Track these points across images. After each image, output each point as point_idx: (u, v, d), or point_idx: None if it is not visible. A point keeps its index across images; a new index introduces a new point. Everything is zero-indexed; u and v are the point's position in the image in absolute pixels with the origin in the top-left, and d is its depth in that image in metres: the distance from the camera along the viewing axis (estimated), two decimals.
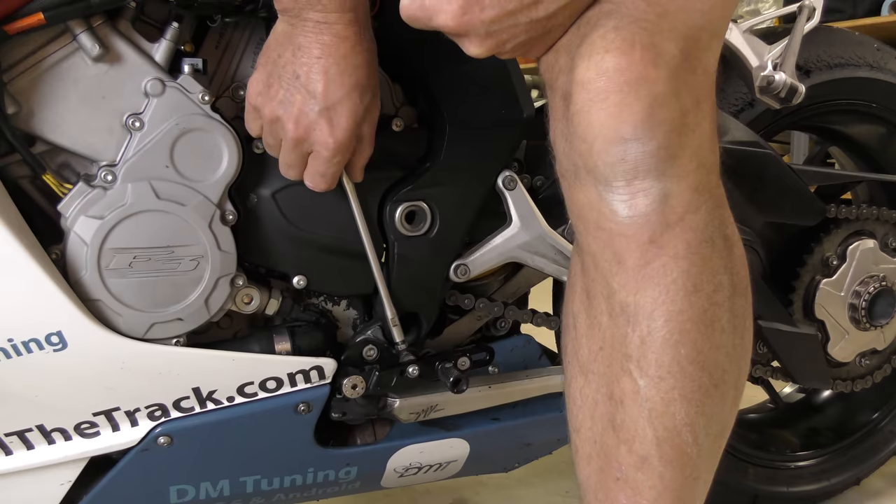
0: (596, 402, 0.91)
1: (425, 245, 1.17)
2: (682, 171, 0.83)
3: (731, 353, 0.89)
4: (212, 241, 1.05)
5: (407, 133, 1.17)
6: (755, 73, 1.30)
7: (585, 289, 0.92)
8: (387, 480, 1.29)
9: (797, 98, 1.29)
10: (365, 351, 1.17)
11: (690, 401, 0.86)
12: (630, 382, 0.87)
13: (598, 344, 0.90)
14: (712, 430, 0.90)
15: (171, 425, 1.10)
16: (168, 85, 1.02)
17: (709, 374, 0.87)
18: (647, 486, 0.88)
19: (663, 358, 0.85)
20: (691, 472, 0.89)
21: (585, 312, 0.92)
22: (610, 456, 0.90)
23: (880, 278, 1.57)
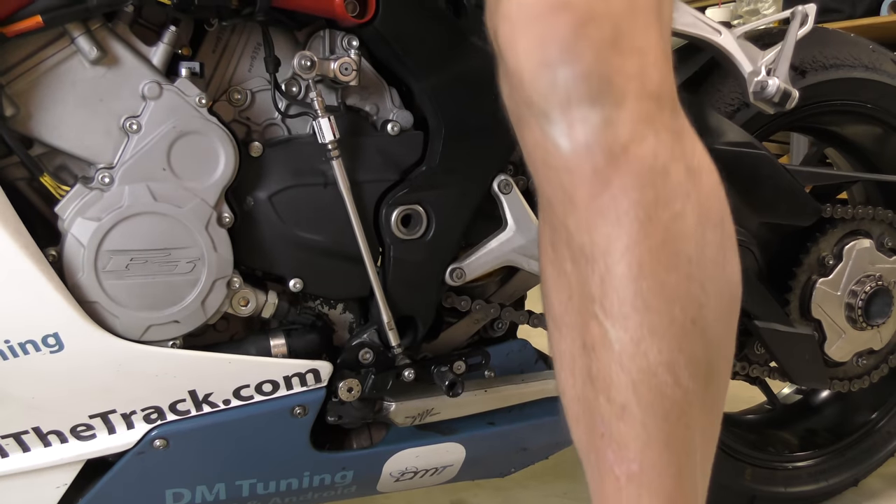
0: (573, 355, 0.87)
1: (421, 248, 1.17)
2: (620, 96, 0.78)
3: (707, 286, 0.83)
4: (208, 243, 1.05)
5: (403, 136, 1.17)
6: (749, 79, 1.30)
7: (551, 241, 0.88)
8: (383, 485, 1.29)
9: (791, 103, 1.29)
10: (361, 354, 1.17)
11: (663, 337, 0.80)
12: (598, 327, 0.82)
13: (566, 293, 0.86)
14: (697, 372, 0.83)
15: (167, 428, 1.10)
16: (165, 88, 1.02)
17: (680, 307, 0.81)
18: (631, 438, 0.83)
19: (625, 294, 0.80)
20: (678, 417, 0.82)
21: (552, 265, 0.88)
22: (593, 411, 0.85)
23: (876, 278, 1.57)
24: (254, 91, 1.13)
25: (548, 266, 0.90)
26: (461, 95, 1.16)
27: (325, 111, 1.08)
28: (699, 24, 1.32)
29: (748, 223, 1.40)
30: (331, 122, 1.08)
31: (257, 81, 1.13)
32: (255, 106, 1.13)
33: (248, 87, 1.13)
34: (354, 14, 1.10)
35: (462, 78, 1.16)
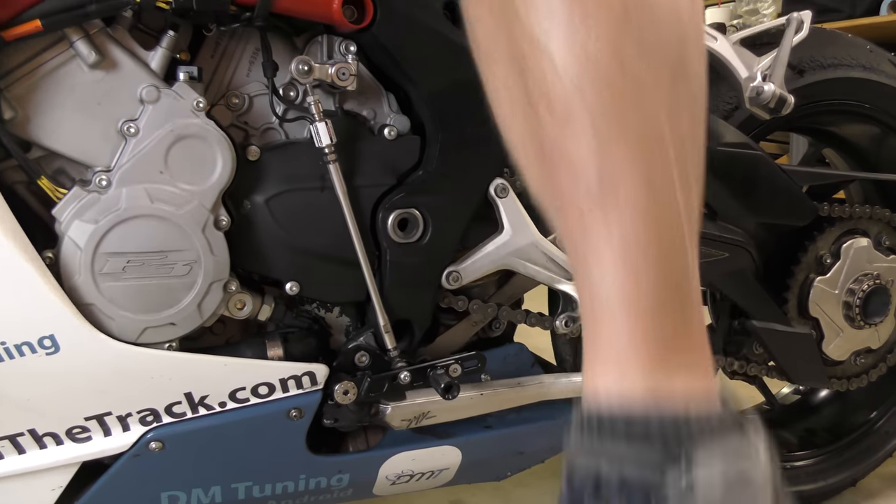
0: (507, 85, 0.77)
1: (418, 252, 1.18)
2: None
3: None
4: (205, 246, 1.05)
5: (400, 141, 1.17)
6: (745, 84, 1.30)
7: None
8: (379, 488, 1.29)
9: (786, 109, 1.30)
10: (357, 357, 1.17)
11: (598, 20, 0.70)
12: (526, 41, 0.73)
13: (492, 25, 0.77)
14: (651, 57, 0.73)
15: (162, 430, 1.10)
16: (163, 92, 1.03)
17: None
18: (583, 150, 0.72)
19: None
20: (634, 108, 0.72)
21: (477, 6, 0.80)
22: (539, 136, 0.75)
23: (874, 276, 1.57)
24: (252, 96, 1.13)
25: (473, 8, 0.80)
26: (458, 101, 1.16)
27: (322, 116, 1.08)
28: None
29: (745, 223, 1.40)
30: (328, 127, 1.08)
31: (255, 86, 1.13)
32: (253, 110, 1.13)
33: (246, 91, 1.13)
34: (352, 20, 1.10)
35: (459, 84, 1.16)
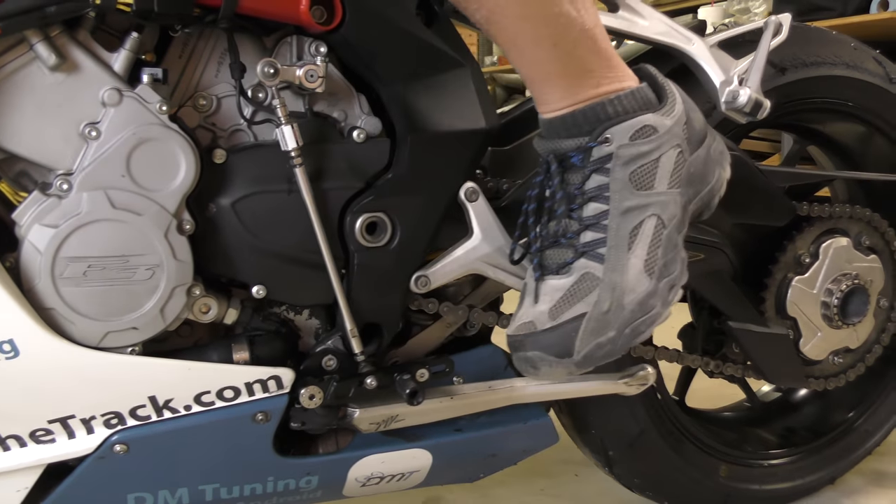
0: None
1: (386, 256, 1.17)
2: None
3: None
4: (167, 250, 1.04)
5: (369, 144, 1.16)
6: (721, 88, 1.29)
7: None
8: (349, 490, 1.29)
9: (762, 113, 1.29)
10: (324, 361, 1.17)
11: None
12: None
13: None
14: None
15: (127, 433, 1.10)
16: (125, 94, 1.02)
17: None
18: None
19: None
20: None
21: None
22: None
23: (853, 276, 1.56)
24: (220, 97, 1.12)
25: None
26: (429, 103, 1.15)
27: (288, 118, 1.07)
28: (671, 33, 1.32)
29: (721, 224, 1.39)
30: (294, 130, 1.07)
31: (224, 87, 1.12)
32: (221, 112, 1.12)
33: (215, 93, 1.12)
34: (321, 21, 1.09)
35: (430, 86, 1.16)
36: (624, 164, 1.07)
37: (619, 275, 1.07)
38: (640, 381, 1.37)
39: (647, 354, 1.43)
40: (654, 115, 1.09)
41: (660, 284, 1.10)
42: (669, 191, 1.10)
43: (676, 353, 1.48)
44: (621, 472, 1.60)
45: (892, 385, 1.81)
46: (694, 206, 1.17)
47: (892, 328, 1.70)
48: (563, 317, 1.07)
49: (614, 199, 1.07)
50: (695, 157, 1.15)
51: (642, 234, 1.08)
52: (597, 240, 1.08)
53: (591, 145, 1.07)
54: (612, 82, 1.08)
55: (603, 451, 1.56)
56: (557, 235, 1.11)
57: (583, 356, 1.06)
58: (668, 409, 1.57)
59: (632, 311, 1.09)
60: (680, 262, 1.13)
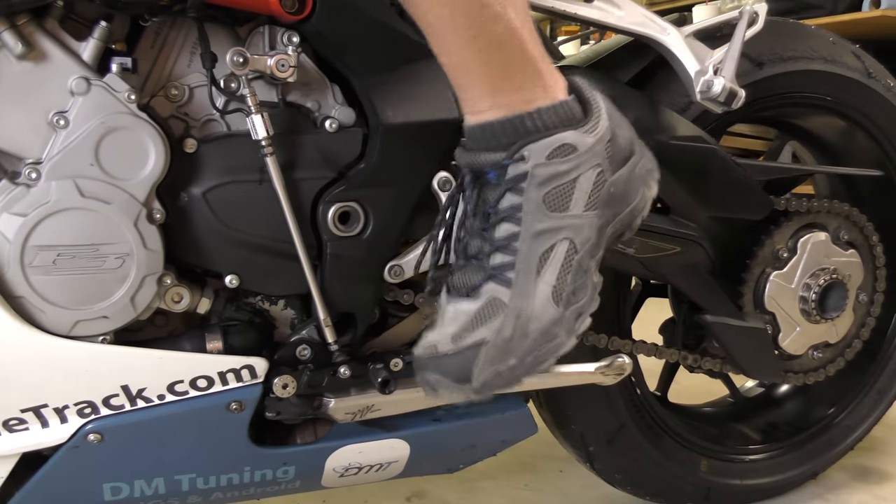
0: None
1: (359, 246, 1.17)
2: None
3: None
4: (137, 239, 1.04)
5: (341, 134, 1.16)
6: (696, 78, 1.30)
7: None
8: (327, 480, 1.29)
9: (737, 103, 1.29)
10: (299, 351, 1.17)
11: None
12: None
13: None
14: None
15: (101, 423, 1.10)
16: (93, 83, 1.02)
17: None
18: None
19: None
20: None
21: None
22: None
23: (831, 271, 1.57)
24: (192, 87, 1.12)
25: None
26: (401, 93, 1.16)
27: (258, 108, 1.08)
28: (647, 23, 1.32)
29: (698, 217, 1.39)
30: (264, 119, 1.07)
31: (196, 77, 1.13)
32: (194, 102, 1.12)
33: (187, 82, 1.12)
34: (292, 10, 1.09)
35: (403, 76, 1.16)
36: (539, 185, 1.03)
37: (524, 301, 1.04)
38: (616, 370, 1.37)
39: (625, 348, 1.43)
40: (575, 133, 1.05)
41: (566, 312, 1.06)
42: (585, 213, 1.06)
43: (654, 347, 1.49)
44: (602, 468, 1.60)
45: (873, 380, 1.81)
46: (612, 229, 1.12)
47: (871, 323, 1.70)
48: (464, 342, 1.04)
49: (526, 220, 1.04)
50: (616, 178, 1.10)
51: (553, 259, 1.05)
52: (506, 263, 1.05)
53: (506, 163, 1.04)
54: (536, 91, 1.04)
55: (583, 447, 1.57)
56: (469, 256, 1.09)
57: (481, 383, 1.04)
58: (647, 403, 1.58)
59: (535, 339, 1.05)
60: (590, 288, 1.10)
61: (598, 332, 1.41)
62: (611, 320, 1.47)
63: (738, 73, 1.33)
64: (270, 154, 1.08)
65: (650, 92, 1.41)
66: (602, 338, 1.41)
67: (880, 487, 1.84)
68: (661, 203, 1.38)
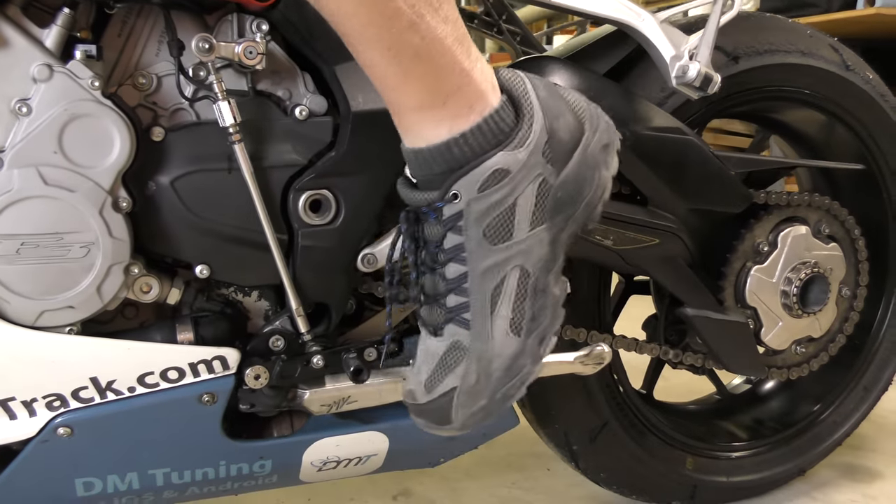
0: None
1: (330, 235, 1.16)
2: None
3: None
4: (103, 228, 1.03)
5: (311, 122, 1.16)
6: (671, 63, 1.29)
7: None
8: (305, 474, 1.28)
9: (713, 87, 1.28)
10: (272, 341, 1.16)
11: None
12: None
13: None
14: None
15: (70, 416, 1.09)
16: (56, 70, 1.01)
17: None
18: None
19: None
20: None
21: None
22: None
23: (812, 265, 1.56)
24: (160, 76, 1.12)
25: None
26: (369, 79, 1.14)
27: (225, 94, 1.07)
28: (622, 9, 1.31)
29: (676, 209, 1.38)
30: (231, 106, 1.07)
31: (164, 66, 1.12)
32: (162, 91, 1.12)
33: (155, 71, 1.11)
34: None
35: None
36: (476, 221, 1.00)
37: (483, 343, 1.04)
38: (595, 359, 1.37)
39: (605, 343, 1.42)
40: (504, 154, 1.00)
41: (528, 341, 1.06)
42: (532, 233, 1.03)
43: (634, 342, 1.48)
44: (587, 466, 1.59)
45: (859, 376, 1.81)
46: (569, 230, 1.08)
47: (855, 318, 1.69)
48: (436, 391, 1.07)
49: (471, 259, 1.02)
50: (563, 178, 1.05)
51: (505, 293, 1.03)
52: (461, 304, 1.04)
53: (439, 205, 1.01)
54: (462, 105, 0.99)
55: (567, 446, 1.56)
56: (428, 294, 1.08)
57: (461, 423, 1.08)
58: (631, 401, 1.57)
59: (499, 378, 1.06)
60: (550, 306, 1.07)
61: (577, 326, 1.40)
62: (591, 315, 1.46)
63: (714, 67, 1.32)
64: (238, 141, 1.08)
65: (628, 83, 1.40)
66: (581, 332, 1.40)
67: (868, 485, 1.83)
68: (638, 194, 1.37)
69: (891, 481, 1.85)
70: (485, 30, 1.66)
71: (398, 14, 0.93)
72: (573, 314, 1.42)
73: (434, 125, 0.99)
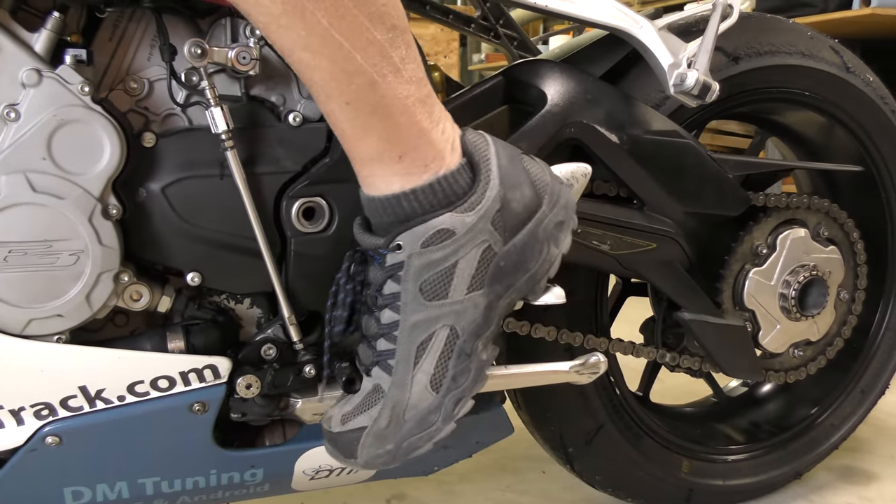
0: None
1: (324, 242, 1.14)
2: None
3: None
4: (92, 235, 1.02)
5: (305, 128, 1.14)
6: (669, 71, 1.27)
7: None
8: (297, 483, 1.27)
9: (711, 96, 1.27)
10: (264, 350, 1.14)
11: None
12: None
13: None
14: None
15: (59, 425, 1.07)
16: (45, 75, 0.99)
17: None
18: None
19: None
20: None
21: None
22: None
23: (811, 268, 1.54)
24: (152, 80, 1.10)
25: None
26: None
27: (217, 100, 1.05)
28: (620, 16, 1.30)
29: (673, 213, 1.37)
30: (224, 112, 1.05)
31: (156, 71, 1.10)
32: (154, 96, 1.10)
33: (146, 76, 1.10)
34: None
35: None
36: (415, 275, 1.02)
37: (401, 392, 1.05)
38: (591, 369, 1.35)
39: (601, 346, 1.41)
40: (452, 215, 1.01)
41: (445, 399, 1.07)
42: (468, 296, 1.04)
43: (631, 346, 1.47)
44: (582, 469, 1.58)
45: (856, 379, 1.80)
46: (507, 300, 1.09)
47: (853, 321, 1.68)
48: (349, 425, 1.08)
49: (404, 310, 1.03)
50: (509, 248, 1.06)
51: (431, 348, 1.04)
52: (388, 350, 1.06)
53: (383, 252, 1.03)
54: (417, 164, 1.01)
55: (562, 448, 1.55)
56: (364, 334, 1.10)
57: (364, 461, 1.08)
58: (627, 404, 1.56)
59: (409, 428, 1.07)
60: (474, 370, 1.08)
61: (573, 330, 1.39)
62: (587, 319, 1.45)
63: (714, 67, 1.31)
64: (231, 148, 1.06)
65: (625, 86, 1.39)
66: (577, 336, 1.39)
67: (865, 488, 1.82)
68: (635, 198, 1.36)
69: (887, 484, 1.84)
70: (481, 34, 1.65)
71: (359, 71, 0.95)
72: (570, 318, 1.41)
73: (387, 178, 1.01)
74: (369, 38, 0.94)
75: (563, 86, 1.27)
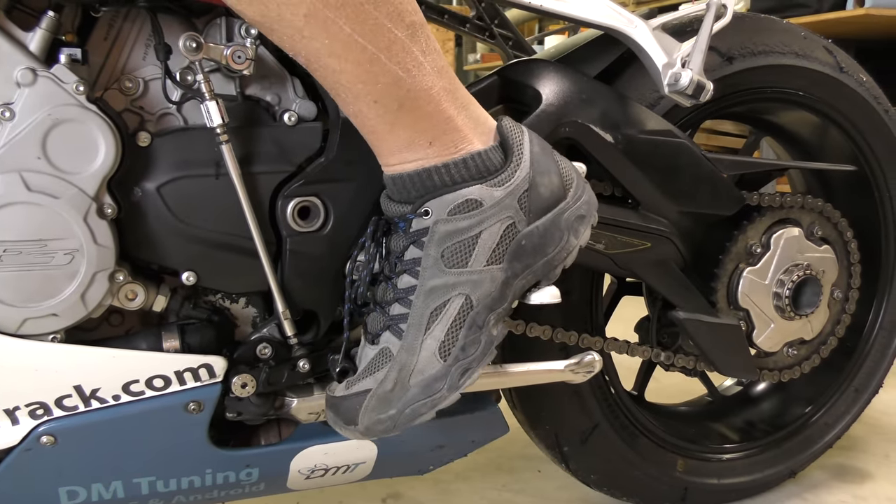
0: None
1: (319, 241, 1.14)
2: None
3: None
4: (87, 234, 1.02)
5: (300, 127, 1.14)
6: (664, 71, 1.27)
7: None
8: (293, 482, 1.27)
9: (705, 95, 1.27)
10: (259, 349, 1.15)
11: None
12: None
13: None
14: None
15: (53, 424, 1.07)
16: (40, 74, 0.99)
17: None
18: None
19: None
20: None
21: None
22: None
23: (804, 267, 1.55)
24: (147, 80, 1.10)
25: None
26: None
27: (212, 95, 1.05)
28: (614, 16, 1.30)
29: (667, 212, 1.37)
30: (219, 106, 1.05)
31: (151, 70, 1.10)
32: (149, 95, 1.10)
33: (141, 75, 1.10)
34: None
35: None
36: (438, 241, 1.04)
37: (410, 355, 1.06)
38: (586, 368, 1.35)
39: (596, 345, 1.41)
40: (481, 188, 1.04)
41: (452, 368, 1.06)
42: (487, 268, 1.05)
43: (626, 345, 1.47)
44: (577, 468, 1.58)
45: (850, 378, 1.80)
46: (523, 280, 1.10)
47: (847, 320, 1.69)
48: (353, 388, 1.08)
49: (423, 275, 1.05)
50: (531, 230, 1.08)
51: (444, 315, 1.05)
52: (402, 315, 1.06)
53: (410, 217, 1.05)
54: (447, 146, 1.03)
55: (557, 447, 1.55)
56: (376, 301, 1.11)
57: (365, 427, 1.08)
58: (622, 403, 1.56)
59: (414, 394, 1.07)
60: (483, 343, 1.08)
61: (568, 329, 1.39)
62: (582, 318, 1.45)
63: (708, 67, 1.32)
64: (226, 142, 1.06)
65: (620, 85, 1.39)
66: (572, 335, 1.39)
67: (860, 487, 1.83)
68: (630, 198, 1.36)
69: (881, 482, 1.85)
70: (477, 34, 1.65)
71: (384, 70, 0.97)
72: (565, 317, 1.42)
73: (418, 161, 1.04)
74: (391, 38, 0.96)
75: (558, 85, 1.28)
